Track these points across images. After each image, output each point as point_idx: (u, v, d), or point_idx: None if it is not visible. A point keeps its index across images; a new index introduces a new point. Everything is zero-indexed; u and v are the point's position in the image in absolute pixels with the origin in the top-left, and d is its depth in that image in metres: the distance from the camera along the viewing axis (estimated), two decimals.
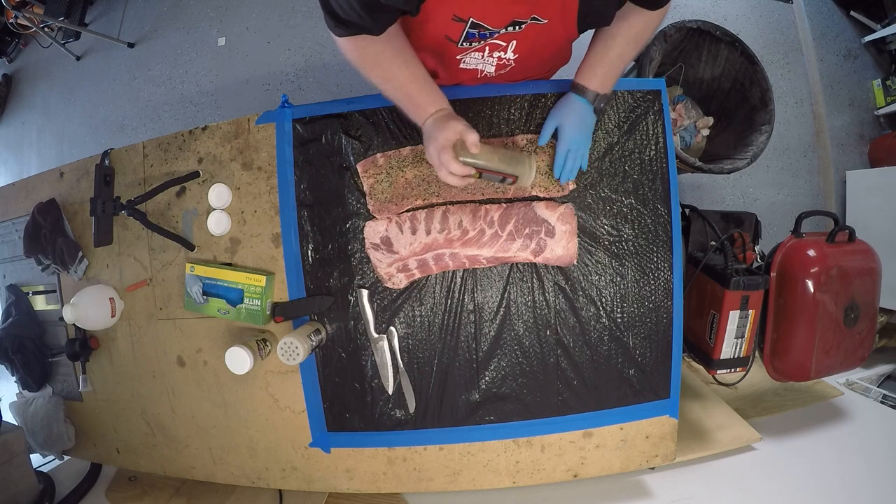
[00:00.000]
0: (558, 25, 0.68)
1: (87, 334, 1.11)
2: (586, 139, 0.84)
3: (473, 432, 0.95)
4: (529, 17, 0.65)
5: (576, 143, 0.83)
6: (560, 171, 0.86)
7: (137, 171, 1.05)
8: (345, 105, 0.93)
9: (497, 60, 0.76)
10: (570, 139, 0.83)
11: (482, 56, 0.75)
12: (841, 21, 2.19)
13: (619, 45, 0.76)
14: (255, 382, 0.99)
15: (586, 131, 0.84)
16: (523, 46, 0.73)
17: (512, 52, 0.74)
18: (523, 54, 0.75)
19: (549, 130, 0.84)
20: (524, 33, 0.69)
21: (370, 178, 0.91)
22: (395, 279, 0.91)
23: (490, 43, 0.71)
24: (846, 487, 1.06)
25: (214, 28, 2.41)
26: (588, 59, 0.79)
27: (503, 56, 0.75)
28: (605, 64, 0.78)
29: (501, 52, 0.74)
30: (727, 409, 1.26)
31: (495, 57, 0.75)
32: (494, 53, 0.74)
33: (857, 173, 2.04)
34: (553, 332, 0.92)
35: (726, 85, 1.60)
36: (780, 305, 1.10)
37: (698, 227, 1.26)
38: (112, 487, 1.23)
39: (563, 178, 0.87)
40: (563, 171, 0.85)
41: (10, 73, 2.91)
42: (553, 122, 0.84)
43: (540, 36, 0.70)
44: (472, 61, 0.77)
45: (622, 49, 0.76)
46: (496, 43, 0.71)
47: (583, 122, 0.82)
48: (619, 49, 0.76)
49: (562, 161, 0.85)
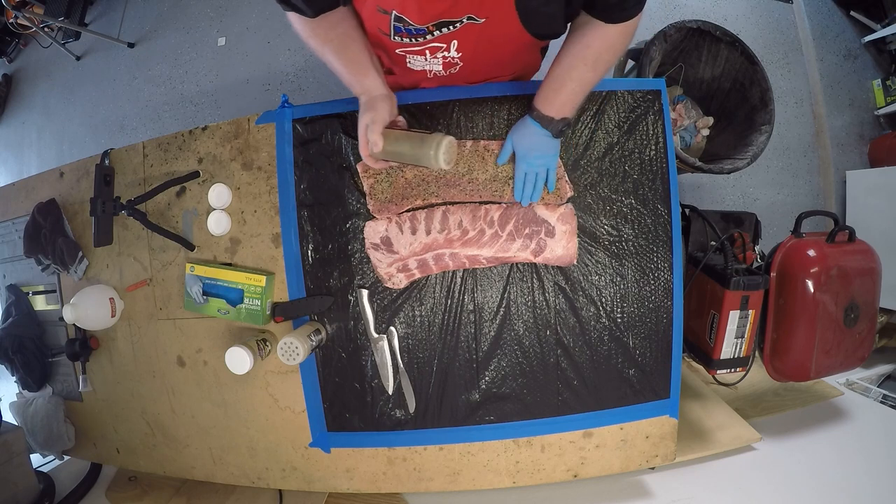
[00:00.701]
0: (500, 24, 0.66)
1: (87, 334, 1.11)
2: (546, 161, 0.83)
3: (473, 432, 0.95)
4: (463, 15, 0.63)
5: (533, 167, 0.83)
6: (520, 195, 0.86)
7: (137, 171, 1.05)
8: (345, 105, 0.93)
9: (443, 60, 0.74)
10: (528, 163, 0.83)
11: (425, 59, 0.74)
12: (841, 21, 2.19)
13: (577, 70, 0.72)
14: (255, 382, 0.99)
15: (546, 154, 0.82)
16: (466, 46, 0.71)
17: (455, 51, 0.71)
18: (469, 54, 0.73)
19: (507, 153, 0.85)
20: (462, 33, 0.67)
21: (370, 178, 0.91)
22: (395, 279, 0.91)
23: (429, 46, 0.70)
24: (846, 487, 1.06)
25: (214, 28, 2.42)
26: (545, 83, 0.76)
27: (448, 55, 0.73)
28: (562, 90, 0.74)
29: (444, 52, 0.72)
30: (727, 409, 1.26)
31: (439, 57, 0.73)
32: (438, 54, 0.73)
33: (857, 173, 2.04)
34: (553, 332, 0.92)
35: (726, 85, 1.60)
36: (780, 305, 1.10)
37: (698, 227, 1.26)
38: (112, 487, 1.23)
39: (524, 201, 0.86)
40: (523, 194, 0.85)
41: (10, 73, 2.92)
42: (510, 144, 0.84)
43: (482, 35, 0.68)
44: (417, 63, 0.76)
45: (580, 73, 0.72)
46: (435, 45, 0.70)
47: (540, 145, 0.81)
48: (576, 73, 0.72)
49: (520, 184, 0.85)
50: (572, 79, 0.73)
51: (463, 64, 0.76)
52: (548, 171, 0.85)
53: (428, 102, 0.90)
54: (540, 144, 0.81)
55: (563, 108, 0.76)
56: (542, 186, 0.86)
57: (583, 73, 0.72)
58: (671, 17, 2.09)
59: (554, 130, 0.78)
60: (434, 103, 0.90)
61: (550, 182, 0.86)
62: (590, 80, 0.74)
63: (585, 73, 0.72)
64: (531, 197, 0.86)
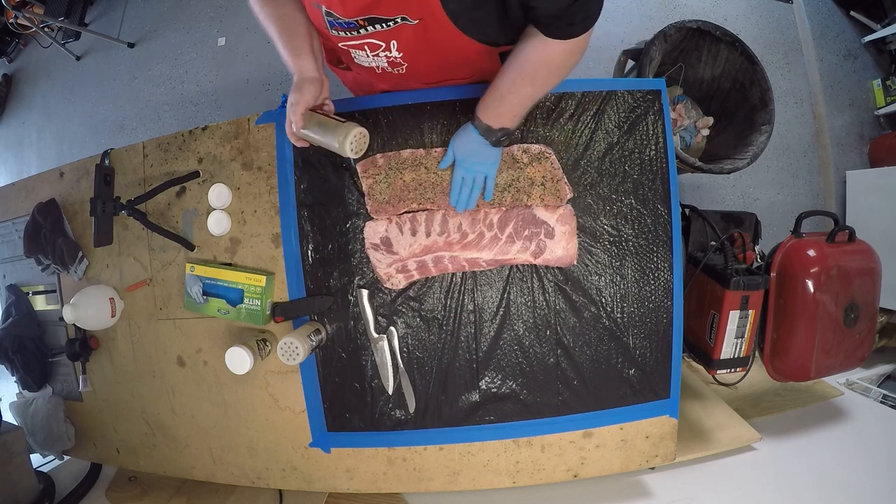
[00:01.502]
0: (435, 28, 0.64)
1: (87, 334, 1.11)
2: (485, 168, 0.83)
3: (473, 432, 0.95)
4: (395, 15, 0.62)
5: (470, 172, 0.83)
6: (455, 200, 0.86)
7: (137, 171, 1.05)
8: (345, 105, 0.93)
9: (386, 58, 0.74)
10: (465, 168, 0.83)
11: (367, 55, 0.73)
12: (841, 21, 2.19)
13: (516, 83, 0.71)
14: (255, 382, 0.99)
15: (484, 161, 0.82)
16: (406, 47, 0.70)
17: (397, 50, 0.71)
18: (410, 54, 0.73)
19: (448, 158, 0.85)
20: (399, 33, 0.66)
21: (369, 178, 0.91)
22: (394, 280, 0.91)
23: (367, 42, 0.69)
24: (846, 487, 1.06)
25: (214, 28, 2.42)
26: (488, 92, 0.75)
27: (390, 54, 0.72)
28: (502, 101, 0.73)
29: (386, 52, 0.71)
30: (727, 409, 1.26)
31: (382, 56, 0.73)
32: (380, 52, 0.72)
33: (857, 173, 2.04)
34: (553, 332, 0.92)
35: (726, 85, 1.60)
36: (780, 305, 1.10)
37: (698, 227, 1.26)
38: (112, 487, 1.23)
39: (459, 207, 0.86)
40: (459, 199, 0.85)
41: (10, 73, 2.92)
42: (451, 149, 0.85)
43: (421, 37, 0.67)
44: (362, 58, 0.75)
45: (518, 87, 0.71)
46: (374, 43, 0.69)
47: (477, 153, 0.81)
48: (515, 86, 0.71)
49: (457, 189, 0.85)
50: (511, 91, 0.72)
51: (408, 64, 0.76)
52: (486, 178, 0.85)
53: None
54: (478, 151, 0.81)
55: (501, 118, 0.75)
56: (478, 194, 0.85)
57: (521, 87, 0.71)
58: (671, 17, 2.09)
59: (492, 139, 0.78)
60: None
61: (488, 190, 0.86)
62: (529, 95, 0.73)
63: (524, 86, 0.71)
64: (466, 204, 0.86)
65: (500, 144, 0.80)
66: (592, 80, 0.92)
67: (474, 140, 0.79)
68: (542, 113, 0.90)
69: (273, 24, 0.74)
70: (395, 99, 0.91)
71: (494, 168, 0.85)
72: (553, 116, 0.91)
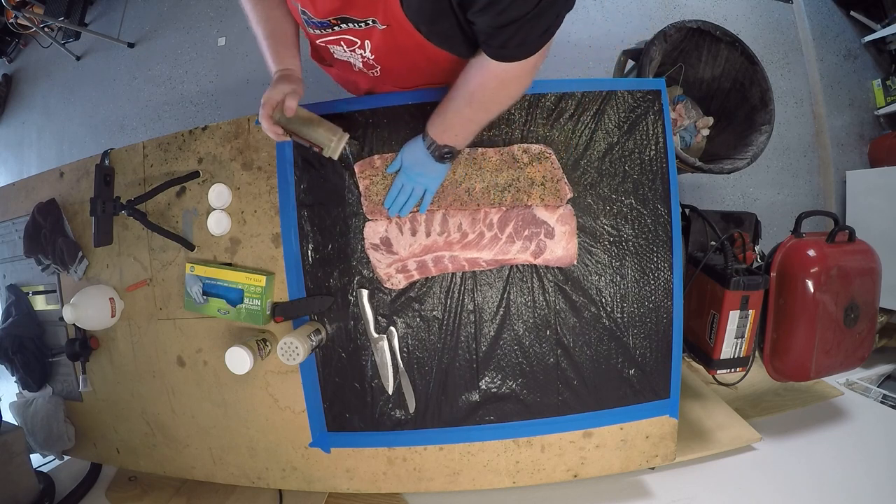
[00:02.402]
0: (403, 34, 0.64)
1: (87, 334, 1.11)
2: (425, 181, 0.84)
3: (473, 432, 0.95)
4: (366, 17, 0.62)
5: (411, 182, 0.84)
6: (389, 203, 0.86)
7: (137, 171, 1.05)
8: (345, 105, 0.93)
9: (361, 58, 0.74)
10: (406, 176, 0.84)
11: (344, 49, 0.73)
12: (841, 21, 2.19)
13: (456, 101, 0.71)
14: (255, 382, 0.99)
15: (426, 175, 0.83)
16: (378, 49, 0.70)
17: (370, 52, 0.71)
18: (382, 57, 0.72)
19: (397, 164, 0.86)
20: (370, 34, 0.66)
21: (366, 178, 0.91)
22: (394, 280, 0.91)
23: (343, 38, 0.69)
24: (846, 487, 1.06)
25: (214, 28, 2.42)
26: (438, 106, 0.76)
27: (364, 54, 0.72)
28: (445, 117, 0.74)
29: (361, 50, 0.71)
30: (727, 409, 1.26)
31: (358, 54, 0.73)
32: (355, 50, 0.72)
33: (857, 173, 2.04)
34: (553, 332, 0.92)
35: (726, 85, 1.60)
36: (780, 305, 1.10)
37: (698, 227, 1.26)
38: (112, 487, 1.23)
39: (392, 212, 0.87)
40: (394, 204, 0.86)
41: (10, 73, 2.92)
42: (400, 155, 0.85)
43: (391, 41, 0.66)
44: (340, 53, 0.75)
45: (458, 106, 0.71)
46: (349, 39, 0.69)
47: (422, 164, 0.81)
48: (454, 105, 0.72)
49: (394, 193, 0.86)
50: (452, 110, 0.73)
51: (381, 66, 0.76)
52: (425, 191, 0.85)
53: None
54: (423, 163, 0.81)
55: (444, 135, 0.76)
56: (413, 204, 0.86)
57: (461, 108, 0.72)
58: (671, 17, 2.09)
59: (436, 154, 0.78)
60: None
61: (424, 204, 0.86)
62: (468, 117, 0.73)
63: (464, 108, 0.71)
64: (400, 211, 0.86)
65: (444, 161, 0.80)
66: (592, 80, 0.92)
67: (420, 151, 0.80)
68: (542, 113, 0.91)
69: (261, 26, 0.76)
70: (395, 99, 0.91)
71: (436, 183, 0.85)
72: (553, 116, 0.91)
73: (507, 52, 0.60)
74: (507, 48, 0.59)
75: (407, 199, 0.86)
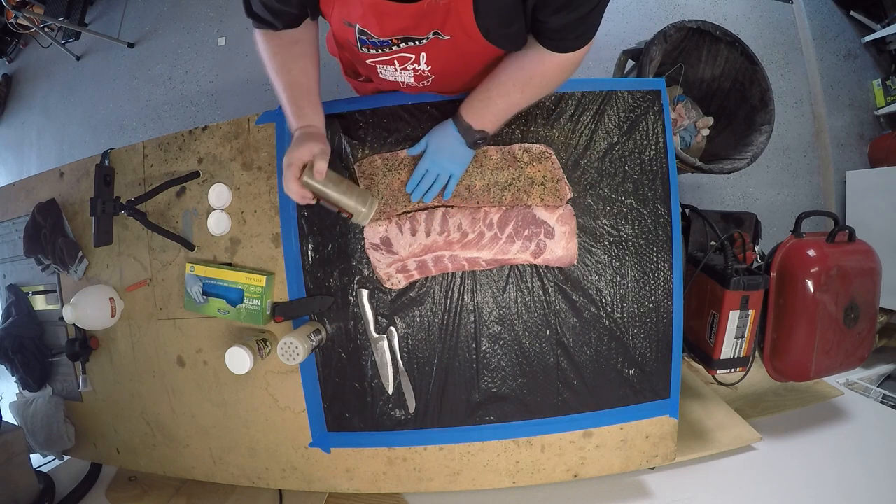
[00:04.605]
0: (467, 42, 0.64)
1: (87, 334, 1.11)
2: (452, 167, 0.83)
3: (473, 432, 0.95)
4: (428, 32, 0.62)
5: (436, 167, 0.83)
6: (412, 188, 0.86)
7: (137, 171, 1.05)
8: (345, 105, 0.93)
9: (414, 72, 0.73)
10: (432, 161, 0.83)
11: (395, 69, 0.72)
12: (841, 21, 2.19)
13: (506, 87, 0.71)
14: (255, 382, 0.99)
15: (454, 160, 0.82)
16: (436, 60, 0.69)
17: (425, 63, 0.70)
18: (439, 67, 0.71)
19: (420, 147, 0.85)
20: (430, 47, 0.66)
21: (366, 178, 0.91)
22: (394, 279, 0.91)
23: (398, 56, 0.68)
24: (845, 487, 1.06)
25: (214, 28, 2.41)
26: (475, 92, 0.75)
27: (418, 67, 0.71)
28: (488, 103, 0.74)
29: (415, 64, 0.70)
30: (727, 409, 1.26)
31: (410, 69, 0.72)
32: (408, 66, 0.71)
33: (857, 173, 2.04)
34: (553, 332, 0.92)
35: (726, 85, 1.60)
36: (780, 305, 1.10)
37: (698, 227, 1.26)
38: (112, 487, 1.23)
39: (414, 197, 0.86)
40: (416, 190, 0.85)
41: (10, 73, 2.92)
42: (425, 139, 0.84)
43: (451, 51, 0.66)
44: (388, 73, 0.74)
45: (508, 92, 0.71)
46: (404, 56, 0.68)
47: (450, 149, 0.80)
48: (504, 90, 0.71)
49: (417, 178, 0.85)
50: (500, 94, 0.72)
51: (434, 77, 0.75)
52: (450, 177, 0.84)
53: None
54: (452, 148, 0.80)
55: (483, 120, 0.75)
56: (437, 190, 0.85)
57: (510, 93, 0.71)
58: (671, 17, 2.09)
59: (469, 139, 0.77)
60: None
61: (449, 189, 0.86)
62: (516, 102, 0.73)
63: (514, 93, 0.71)
64: (424, 197, 0.86)
65: (476, 146, 0.80)
66: (592, 80, 0.92)
67: (451, 136, 0.79)
68: (543, 113, 0.91)
69: (280, 76, 0.73)
70: (394, 99, 0.91)
71: (461, 169, 0.84)
72: (553, 116, 0.91)
73: (569, 45, 0.63)
74: (569, 40, 0.63)
75: (431, 185, 0.85)
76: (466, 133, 0.77)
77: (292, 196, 0.73)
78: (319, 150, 0.70)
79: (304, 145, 0.70)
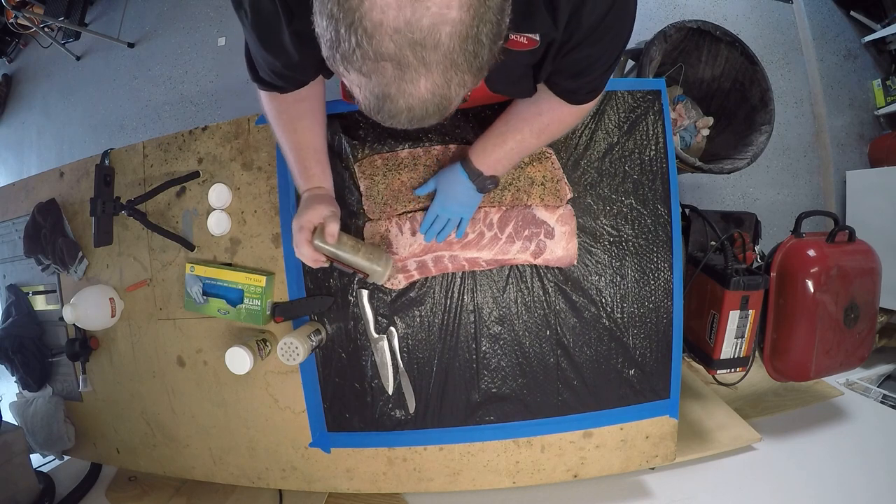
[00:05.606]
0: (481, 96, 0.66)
1: (87, 334, 1.11)
2: (462, 210, 0.83)
3: (473, 432, 0.95)
4: None
5: (447, 212, 0.83)
6: (425, 230, 0.86)
7: (137, 171, 1.05)
8: (345, 105, 0.93)
9: None
10: (442, 207, 0.83)
11: None
12: (841, 21, 2.19)
13: (522, 133, 0.70)
14: (255, 382, 0.99)
15: (462, 204, 0.81)
16: None
17: None
18: None
19: (429, 188, 0.85)
20: None
21: (366, 178, 0.91)
22: (394, 280, 0.91)
23: None
24: (845, 487, 1.06)
25: (214, 28, 2.41)
26: (485, 136, 0.74)
27: None
28: (501, 147, 0.72)
29: None
30: (727, 409, 1.26)
31: None
32: None
33: (857, 173, 2.03)
34: (553, 332, 0.92)
35: (726, 85, 1.60)
36: (780, 305, 1.10)
37: (698, 227, 1.26)
38: (112, 487, 1.23)
39: (427, 239, 0.86)
40: (429, 232, 0.85)
41: (10, 73, 2.92)
42: (433, 182, 0.84)
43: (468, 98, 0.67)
44: None
45: (523, 137, 0.71)
46: None
47: (461, 196, 0.80)
48: (520, 136, 0.71)
49: (429, 222, 0.85)
50: (514, 140, 0.71)
51: None
52: (462, 219, 0.84)
53: None
54: (462, 195, 0.79)
55: (495, 165, 0.75)
56: (449, 231, 0.85)
57: (526, 138, 0.71)
58: (671, 17, 2.09)
59: (480, 185, 0.77)
60: None
61: (461, 230, 0.86)
62: (530, 146, 0.73)
63: (529, 138, 0.71)
64: (437, 238, 0.86)
65: (485, 191, 0.79)
66: None
67: (461, 183, 0.77)
68: None
69: (286, 137, 0.72)
70: None
71: (472, 212, 0.84)
72: None
73: (581, 98, 0.64)
74: (581, 94, 0.63)
75: (443, 228, 0.85)
76: (477, 179, 0.76)
77: (305, 260, 0.72)
78: (330, 213, 0.69)
79: (314, 208, 0.69)
